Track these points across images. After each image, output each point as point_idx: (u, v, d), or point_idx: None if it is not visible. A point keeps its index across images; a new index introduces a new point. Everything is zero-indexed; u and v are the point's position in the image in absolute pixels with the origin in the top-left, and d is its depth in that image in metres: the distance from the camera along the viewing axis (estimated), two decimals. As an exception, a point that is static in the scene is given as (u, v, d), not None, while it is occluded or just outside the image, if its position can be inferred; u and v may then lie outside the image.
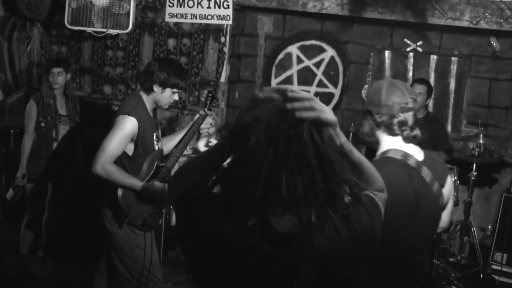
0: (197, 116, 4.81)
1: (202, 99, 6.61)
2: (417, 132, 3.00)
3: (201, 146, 4.21)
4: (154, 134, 4.47)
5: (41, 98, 6.19)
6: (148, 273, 4.34)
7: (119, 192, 4.27)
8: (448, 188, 3.13)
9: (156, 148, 4.48)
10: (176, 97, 4.49)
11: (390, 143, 3.01)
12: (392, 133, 2.98)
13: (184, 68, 4.91)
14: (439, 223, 3.20)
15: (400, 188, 2.79)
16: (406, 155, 2.97)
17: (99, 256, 4.94)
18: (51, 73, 6.20)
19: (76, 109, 6.38)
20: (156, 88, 4.35)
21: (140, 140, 4.30)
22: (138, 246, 4.39)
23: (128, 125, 4.20)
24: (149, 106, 4.43)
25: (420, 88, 6.49)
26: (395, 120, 2.96)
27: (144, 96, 4.41)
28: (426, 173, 2.98)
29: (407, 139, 3.00)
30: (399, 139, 2.99)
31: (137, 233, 4.41)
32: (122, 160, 4.30)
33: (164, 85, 4.35)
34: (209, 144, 4.17)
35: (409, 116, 2.97)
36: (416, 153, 3.03)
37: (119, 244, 4.41)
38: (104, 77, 7.24)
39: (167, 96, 4.40)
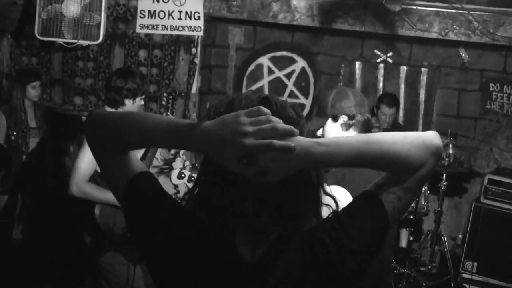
0: None
1: (163, 103, 6.61)
2: None
3: (174, 178, 4.20)
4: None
5: (11, 110, 6.13)
6: None
7: (97, 210, 4.20)
8: None
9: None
10: (142, 102, 4.57)
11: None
12: None
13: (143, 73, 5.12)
14: None
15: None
16: None
17: (80, 273, 4.88)
18: (32, 87, 6.19)
19: (44, 119, 6.35)
20: (127, 101, 4.38)
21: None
22: (120, 262, 4.34)
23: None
24: (116, 120, 4.41)
25: (392, 111, 6.62)
26: None
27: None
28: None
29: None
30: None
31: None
32: (94, 178, 4.25)
33: (135, 96, 4.40)
34: (182, 176, 4.17)
35: None
36: None
37: (100, 261, 4.36)
38: (75, 88, 7.17)
39: (137, 105, 4.45)
